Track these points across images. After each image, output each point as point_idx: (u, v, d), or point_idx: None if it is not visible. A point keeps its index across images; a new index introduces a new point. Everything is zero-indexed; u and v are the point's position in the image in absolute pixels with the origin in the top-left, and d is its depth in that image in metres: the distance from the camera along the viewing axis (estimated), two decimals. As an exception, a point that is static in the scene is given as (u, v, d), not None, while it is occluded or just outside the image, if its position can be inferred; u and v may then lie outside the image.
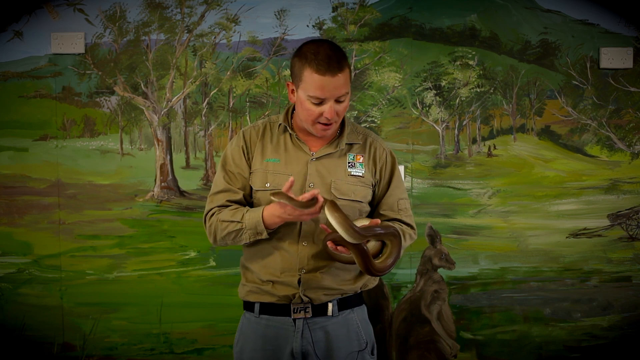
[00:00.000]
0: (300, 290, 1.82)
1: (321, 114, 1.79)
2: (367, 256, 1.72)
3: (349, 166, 1.89)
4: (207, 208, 1.90)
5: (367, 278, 1.91)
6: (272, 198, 1.71)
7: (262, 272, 1.86)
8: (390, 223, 1.86)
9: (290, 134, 1.90)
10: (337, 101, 1.79)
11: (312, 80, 1.77)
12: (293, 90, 1.85)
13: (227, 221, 1.83)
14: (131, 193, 2.85)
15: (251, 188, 1.89)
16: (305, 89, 1.78)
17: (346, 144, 1.90)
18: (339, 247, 1.75)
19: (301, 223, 1.83)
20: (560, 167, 2.89)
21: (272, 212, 1.77)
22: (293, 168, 1.86)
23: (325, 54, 1.77)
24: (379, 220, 1.80)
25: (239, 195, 1.88)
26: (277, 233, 1.83)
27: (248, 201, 1.90)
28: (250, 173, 1.89)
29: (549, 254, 2.89)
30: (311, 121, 1.81)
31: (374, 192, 1.92)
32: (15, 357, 2.84)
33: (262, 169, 1.87)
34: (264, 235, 1.79)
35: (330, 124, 1.81)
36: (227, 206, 1.87)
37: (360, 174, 1.88)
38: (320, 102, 1.78)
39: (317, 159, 1.87)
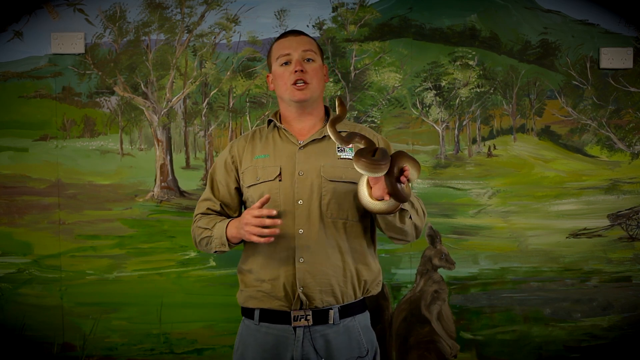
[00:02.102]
0: (298, 286, 1.80)
1: (291, 73, 1.88)
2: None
3: (338, 150, 1.90)
4: (195, 212, 2.02)
5: (366, 280, 1.89)
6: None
7: (261, 271, 1.85)
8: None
9: (278, 127, 1.96)
10: (307, 61, 1.89)
11: (277, 46, 1.94)
12: (272, 79, 1.97)
13: (202, 228, 1.94)
14: (131, 193, 2.85)
15: (238, 190, 1.98)
16: (275, 58, 1.92)
17: None
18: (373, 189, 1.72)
19: (295, 211, 1.83)
20: (560, 167, 2.89)
21: (232, 223, 1.86)
22: (282, 159, 1.90)
23: (288, 30, 2.02)
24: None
25: (217, 207, 1.98)
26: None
27: (230, 206, 1.99)
28: (241, 173, 1.96)
29: (549, 254, 2.89)
30: (286, 86, 1.89)
31: None
32: (15, 357, 2.84)
33: (252, 166, 1.91)
34: (226, 247, 1.87)
35: (303, 83, 1.87)
36: (208, 214, 1.98)
37: (350, 157, 1.89)
38: (288, 60, 1.89)
39: (304, 146, 1.90)
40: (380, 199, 1.69)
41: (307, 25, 2.82)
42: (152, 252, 2.84)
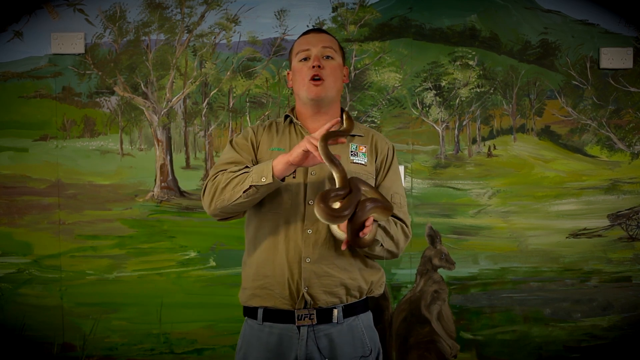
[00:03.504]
0: (303, 286, 1.80)
1: (309, 68, 1.85)
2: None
3: (351, 155, 1.90)
4: (211, 174, 1.84)
5: (372, 281, 1.89)
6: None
7: (265, 266, 1.83)
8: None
9: (294, 123, 1.94)
10: (326, 58, 1.88)
11: (298, 43, 1.93)
12: (292, 76, 1.95)
13: (236, 171, 1.78)
14: (131, 193, 2.85)
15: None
16: (295, 53, 1.91)
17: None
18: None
19: (305, 211, 1.81)
20: (560, 168, 2.89)
21: (281, 155, 1.74)
22: None
23: (311, 28, 1.99)
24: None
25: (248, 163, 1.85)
26: (281, 223, 1.82)
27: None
28: (257, 161, 1.89)
29: (549, 254, 2.89)
30: (303, 82, 1.87)
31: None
32: (15, 357, 2.84)
33: (268, 158, 1.86)
34: (268, 179, 1.69)
35: (319, 79, 1.85)
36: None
37: (363, 163, 1.89)
38: (307, 56, 1.88)
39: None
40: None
41: (307, 25, 2.81)
42: (152, 252, 2.84)
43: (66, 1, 2.80)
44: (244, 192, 1.72)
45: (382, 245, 1.81)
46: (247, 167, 1.81)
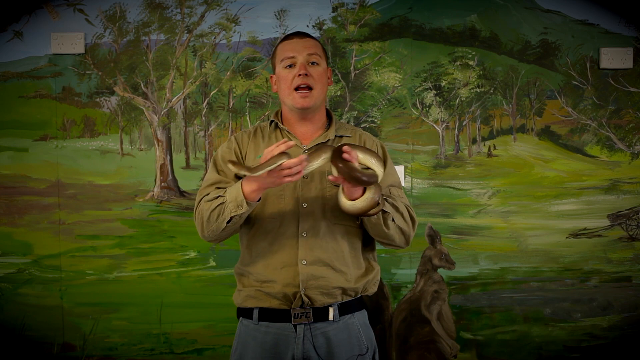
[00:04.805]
0: (301, 288, 1.81)
1: (295, 77, 1.84)
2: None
3: None
4: (196, 201, 1.87)
5: (367, 280, 1.90)
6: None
7: (262, 271, 1.84)
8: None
9: (281, 129, 1.93)
10: (311, 64, 1.86)
11: (282, 48, 1.90)
12: (276, 81, 1.93)
13: (211, 200, 1.80)
14: (131, 193, 2.85)
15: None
16: (279, 59, 1.89)
17: (336, 136, 1.92)
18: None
19: (299, 213, 1.81)
20: (560, 167, 2.89)
21: (249, 180, 1.72)
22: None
23: (293, 32, 1.96)
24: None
25: (230, 184, 1.85)
26: (276, 227, 1.83)
27: None
28: None
29: (549, 254, 2.89)
30: (289, 90, 1.86)
31: None
32: (15, 357, 2.84)
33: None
34: (244, 207, 1.71)
35: (307, 89, 1.84)
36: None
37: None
38: (292, 63, 1.86)
39: (309, 150, 1.88)
40: (355, 199, 1.70)
41: (307, 25, 2.82)
42: (152, 252, 2.84)
43: (66, 1, 2.80)
44: (227, 223, 1.76)
45: (393, 220, 1.80)
46: (220, 196, 1.79)
